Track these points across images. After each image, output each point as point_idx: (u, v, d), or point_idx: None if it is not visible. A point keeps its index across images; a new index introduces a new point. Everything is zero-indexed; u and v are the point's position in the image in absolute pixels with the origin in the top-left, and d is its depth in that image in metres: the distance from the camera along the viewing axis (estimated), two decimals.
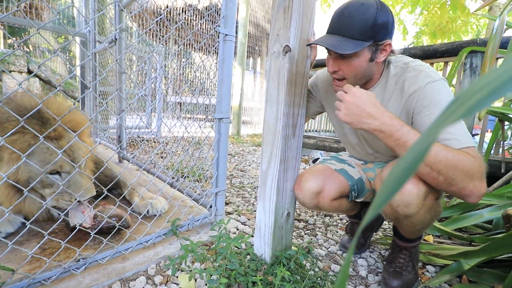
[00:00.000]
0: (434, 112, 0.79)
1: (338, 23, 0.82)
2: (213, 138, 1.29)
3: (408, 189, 0.76)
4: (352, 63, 0.84)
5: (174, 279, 0.95)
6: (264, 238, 1.02)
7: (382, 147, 1.02)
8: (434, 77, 0.83)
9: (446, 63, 2.23)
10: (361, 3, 0.81)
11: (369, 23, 0.79)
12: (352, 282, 1.05)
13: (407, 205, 0.77)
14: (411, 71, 0.88)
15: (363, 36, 0.80)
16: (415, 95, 0.83)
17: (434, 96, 0.80)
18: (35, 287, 0.82)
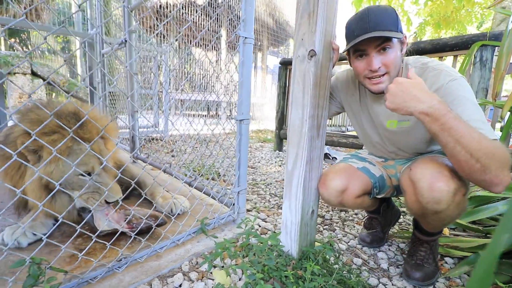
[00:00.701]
0: (460, 107, 0.82)
1: (368, 22, 0.87)
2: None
3: (439, 187, 0.80)
4: (391, 55, 0.90)
5: (208, 275, 1.01)
6: (291, 235, 1.07)
7: (405, 145, 1.06)
8: (455, 75, 0.87)
9: (455, 56, 2.24)
10: (377, 6, 0.90)
11: (394, 17, 0.88)
12: (375, 274, 1.10)
13: (437, 202, 0.81)
14: (431, 71, 0.92)
15: (395, 28, 0.88)
16: (438, 93, 0.87)
17: (458, 93, 0.84)
18: (83, 286, 0.87)
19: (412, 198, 0.89)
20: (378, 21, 0.87)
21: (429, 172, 0.83)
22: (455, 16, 5.23)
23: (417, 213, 0.92)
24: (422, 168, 0.86)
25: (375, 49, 0.91)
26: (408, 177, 0.90)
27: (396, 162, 1.13)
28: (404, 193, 0.95)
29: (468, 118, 0.79)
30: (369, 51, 0.92)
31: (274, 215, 1.60)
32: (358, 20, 0.90)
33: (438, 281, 1.05)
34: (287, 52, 11.34)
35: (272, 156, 3.33)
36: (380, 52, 0.91)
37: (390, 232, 1.43)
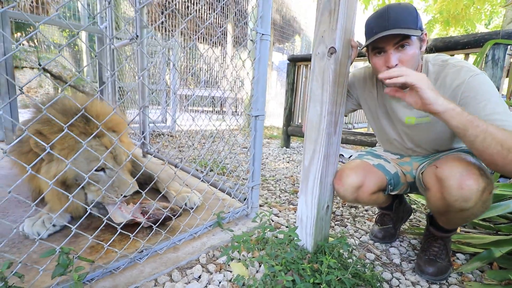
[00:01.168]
0: (481, 102, 0.83)
1: (388, 20, 0.88)
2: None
3: (469, 185, 0.81)
4: (410, 53, 0.90)
5: (226, 267, 1.03)
6: (306, 229, 1.09)
7: (424, 141, 1.07)
8: (476, 71, 0.88)
9: (467, 55, 2.23)
10: (398, 4, 0.90)
11: (414, 15, 0.89)
12: (388, 269, 1.12)
13: (466, 200, 0.82)
14: (452, 68, 0.93)
15: (415, 25, 0.88)
16: (459, 88, 0.89)
17: (480, 87, 0.85)
18: (106, 276, 0.90)
19: (437, 196, 0.90)
20: (398, 18, 0.88)
21: (458, 170, 0.84)
22: (464, 14, 5.17)
23: (440, 210, 0.93)
24: (450, 166, 0.87)
25: (393, 47, 0.91)
26: (434, 175, 0.91)
27: (412, 159, 1.15)
28: (427, 190, 0.96)
29: (492, 111, 0.80)
30: (387, 48, 0.92)
31: (285, 210, 1.63)
32: (378, 18, 0.91)
33: (450, 276, 1.07)
34: (292, 49, 11.28)
35: (279, 153, 3.35)
36: (398, 49, 0.91)
37: (401, 228, 1.44)
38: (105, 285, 0.89)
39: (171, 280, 0.95)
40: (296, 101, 3.57)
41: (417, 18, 0.90)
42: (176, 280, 0.94)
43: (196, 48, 7.67)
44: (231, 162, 2.54)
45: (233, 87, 5.40)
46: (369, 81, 1.13)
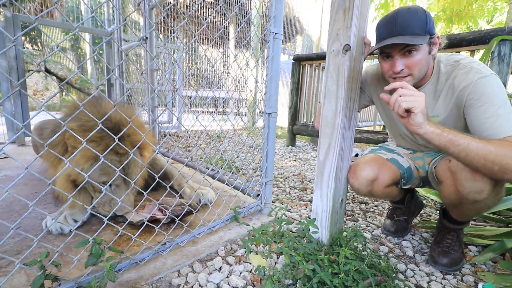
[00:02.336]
0: (484, 105, 0.86)
1: (396, 26, 0.90)
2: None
3: (482, 177, 0.83)
4: (416, 58, 0.92)
5: (245, 259, 1.06)
6: (322, 222, 1.12)
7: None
8: (485, 72, 0.89)
9: (472, 51, 2.25)
10: (408, 8, 0.92)
11: (423, 20, 0.89)
12: (402, 261, 1.14)
13: (479, 192, 0.85)
14: (462, 68, 0.94)
15: (422, 32, 0.89)
16: (466, 89, 0.91)
17: (486, 89, 0.86)
18: (132, 268, 0.94)
19: (450, 188, 0.93)
20: (405, 25, 0.89)
21: None
22: (467, 11, 5.18)
23: (454, 203, 0.96)
24: None
25: (399, 53, 0.93)
26: (447, 168, 0.94)
27: (425, 154, 1.17)
28: (440, 183, 0.99)
29: (492, 114, 0.83)
30: (393, 54, 0.95)
31: (297, 206, 1.66)
32: (386, 23, 0.94)
33: (464, 267, 1.09)
34: (294, 49, 11.32)
35: (285, 151, 3.37)
36: (405, 54, 0.93)
37: (412, 223, 1.47)
38: (130, 276, 0.92)
39: (193, 271, 0.98)
40: (301, 100, 3.60)
41: (426, 22, 0.90)
42: (198, 271, 0.98)
43: (196, 49, 7.72)
44: (241, 161, 2.58)
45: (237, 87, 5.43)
46: (382, 78, 1.16)
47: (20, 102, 2.75)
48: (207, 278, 0.93)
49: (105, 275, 0.74)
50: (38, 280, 0.67)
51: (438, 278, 1.04)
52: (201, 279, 0.92)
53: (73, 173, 1.15)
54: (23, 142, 2.90)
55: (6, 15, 2.63)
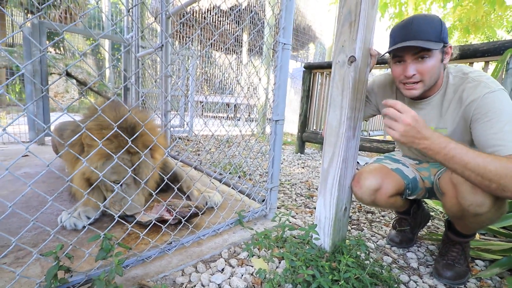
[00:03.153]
0: (491, 120, 0.86)
1: (411, 31, 0.92)
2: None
3: (482, 190, 0.83)
4: (429, 64, 0.94)
5: (247, 262, 1.09)
6: (324, 229, 1.13)
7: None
8: (493, 87, 0.89)
9: (487, 63, 2.22)
10: (425, 15, 0.95)
11: (438, 28, 0.92)
12: (406, 272, 1.14)
13: (480, 205, 0.84)
14: (470, 82, 0.95)
15: (437, 38, 0.91)
16: (473, 104, 0.91)
17: (494, 105, 0.86)
18: (139, 264, 0.98)
19: (452, 201, 0.93)
20: (420, 30, 0.91)
21: None
22: (485, 20, 5.08)
23: (456, 215, 0.95)
24: None
25: (412, 57, 0.95)
26: (449, 180, 0.94)
27: (431, 165, 1.17)
28: (442, 195, 0.99)
29: (498, 130, 0.83)
30: (406, 58, 0.97)
31: (302, 213, 1.67)
32: (402, 28, 0.96)
33: (469, 281, 1.08)
34: (306, 56, 11.36)
35: (294, 158, 3.39)
36: (418, 60, 0.95)
37: (419, 234, 1.45)
38: (137, 272, 0.96)
39: (197, 271, 1.01)
40: (312, 107, 3.62)
41: (441, 31, 0.92)
42: (201, 272, 1.01)
43: (210, 55, 7.88)
44: (247, 166, 2.61)
45: (247, 94, 5.50)
46: (389, 88, 1.18)
47: (42, 103, 2.91)
48: (210, 278, 0.96)
49: (113, 270, 0.78)
50: (53, 270, 0.72)
51: None
52: (203, 279, 0.95)
53: (87, 171, 1.21)
54: (42, 141, 3.04)
55: (34, 22, 2.80)
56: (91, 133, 1.12)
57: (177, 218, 1.16)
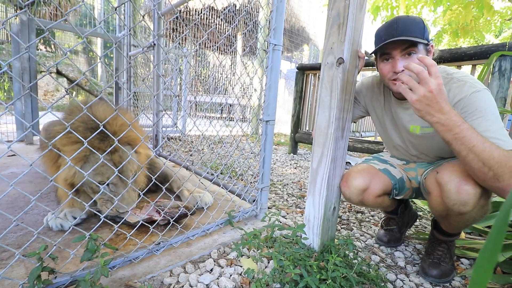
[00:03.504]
0: (478, 119, 0.87)
1: (397, 29, 0.95)
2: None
3: (466, 189, 0.85)
4: (416, 60, 0.94)
5: (237, 262, 1.09)
6: (313, 229, 1.14)
7: (427, 149, 1.12)
8: (479, 87, 0.92)
9: (474, 66, 2.27)
10: (407, 16, 0.98)
11: (421, 26, 0.95)
12: (393, 271, 1.15)
13: (464, 204, 0.86)
14: (456, 82, 0.97)
15: (421, 35, 0.94)
16: (460, 103, 0.93)
17: (480, 104, 0.89)
18: (126, 265, 0.97)
19: (437, 200, 0.95)
20: (405, 28, 0.94)
21: (457, 175, 0.88)
22: (474, 25, 5.20)
23: (441, 214, 0.97)
24: (450, 171, 0.91)
25: (400, 53, 0.97)
26: (434, 180, 0.96)
27: (418, 165, 1.19)
28: (428, 195, 1.00)
29: (486, 128, 0.85)
30: (394, 54, 0.98)
31: (293, 213, 1.68)
32: (387, 27, 0.98)
33: (454, 279, 1.10)
34: (300, 58, 11.42)
35: (287, 159, 3.40)
36: (405, 56, 0.97)
37: (407, 233, 1.48)
38: (124, 273, 0.95)
39: (185, 272, 1.01)
40: (304, 108, 3.64)
41: (424, 29, 0.96)
42: (189, 272, 1.00)
43: (203, 55, 7.85)
44: (240, 166, 2.61)
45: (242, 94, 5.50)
46: (377, 89, 1.20)
47: (30, 102, 2.85)
48: (198, 278, 0.96)
49: (99, 271, 0.77)
50: (36, 271, 0.70)
51: None
52: (191, 280, 0.95)
53: (68, 177, 1.17)
54: (31, 141, 2.99)
55: (22, 19, 2.75)
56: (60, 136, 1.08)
57: (166, 219, 1.16)
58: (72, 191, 0.86)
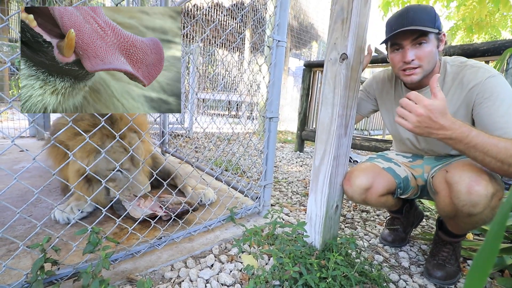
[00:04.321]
0: (495, 103, 0.87)
1: (407, 18, 0.93)
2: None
3: (477, 190, 0.83)
4: (426, 49, 0.95)
5: (237, 258, 1.09)
6: (315, 227, 1.13)
7: (436, 145, 1.10)
8: (493, 72, 0.91)
9: (487, 62, 2.20)
10: (419, 5, 0.96)
11: (432, 14, 0.94)
12: (396, 271, 1.13)
13: (474, 205, 0.84)
14: (470, 68, 0.97)
15: (432, 24, 0.93)
16: (475, 88, 0.92)
17: (496, 89, 0.88)
18: (128, 259, 0.99)
19: (446, 200, 0.92)
20: (416, 17, 0.93)
21: (468, 175, 0.86)
22: (489, 20, 5.02)
23: (449, 215, 0.95)
24: (460, 171, 0.88)
25: (410, 43, 0.96)
26: (444, 179, 0.93)
27: (425, 161, 1.16)
28: (436, 194, 0.98)
29: (505, 113, 0.85)
30: (404, 44, 0.97)
31: (296, 211, 1.67)
32: (397, 17, 0.97)
33: (459, 281, 1.07)
34: (309, 55, 11.30)
35: (293, 157, 3.38)
36: (416, 46, 0.96)
37: (413, 234, 1.45)
38: (126, 266, 0.97)
39: (186, 267, 1.02)
40: (311, 106, 3.61)
41: (435, 18, 0.94)
42: (190, 267, 1.01)
43: (215, 53, 7.87)
44: (245, 163, 2.61)
45: (249, 91, 5.51)
46: (388, 82, 1.19)
47: None
48: (198, 273, 0.97)
49: (100, 263, 0.79)
50: (39, 262, 0.72)
51: None
52: (192, 274, 0.95)
53: (81, 168, 1.21)
54: (42, 136, 3.06)
55: None
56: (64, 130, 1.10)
57: (169, 214, 1.17)
58: (74, 184, 0.87)
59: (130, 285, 0.89)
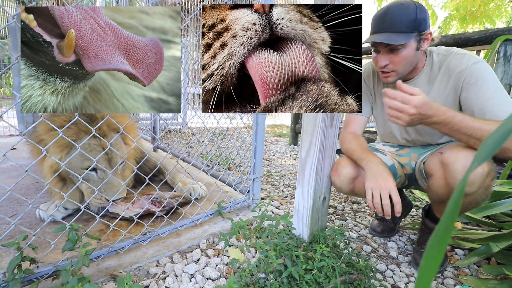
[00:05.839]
0: (482, 87, 0.90)
1: (384, 22, 0.94)
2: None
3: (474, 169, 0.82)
4: (401, 55, 0.95)
5: (224, 252, 1.08)
6: (303, 219, 1.12)
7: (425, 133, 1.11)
8: (478, 58, 0.93)
9: (478, 51, 2.18)
10: (401, 3, 0.94)
11: (412, 17, 0.92)
12: (384, 261, 1.13)
13: (470, 184, 0.84)
14: (455, 55, 0.98)
15: (409, 29, 0.92)
16: (462, 74, 0.94)
17: (481, 74, 0.90)
18: (112, 255, 0.98)
19: (440, 182, 0.92)
20: (394, 22, 0.93)
21: (464, 154, 0.87)
22: (483, 10, 5.00)
23: (442, 197, 0.94)
24: (456, 151, 0.89)
25: (384, 49, 0.97)
26: (439, 161, 0.93)
27: (412, 150, 1.16)
28: (430, 177, 0.98)
29: (491, 96, 0.88)
30: (380, 49, 0.99)
31: (287, 203, 1.66)
32: (378, 18, 0.97)
33: (446, 270, 1.08)
34: None
35: (287, 150, 3.37)
36: (390, 51, 0.97)
37: (402, 223, 1.45)
38: (110, 263, 0.96)
39: (172, 262, 1.01)
40: None
41: (415, 19, 0.92)
42: (176, 262, 1.00)
43: None
44: (237, 158, 2.60)
45: None
46: (377, 73, 1.17)
47: None
48: (183, 268, 0.96)
49: (80, 260, 0.78)
50: (15, 260, 0.71)
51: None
52: (177, 269, 0.95)
53: (54, 164, 1.15)
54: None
55: None
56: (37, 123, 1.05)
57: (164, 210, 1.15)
58: (49, 181, 0.85)
59: (114, 281, 0.88)
